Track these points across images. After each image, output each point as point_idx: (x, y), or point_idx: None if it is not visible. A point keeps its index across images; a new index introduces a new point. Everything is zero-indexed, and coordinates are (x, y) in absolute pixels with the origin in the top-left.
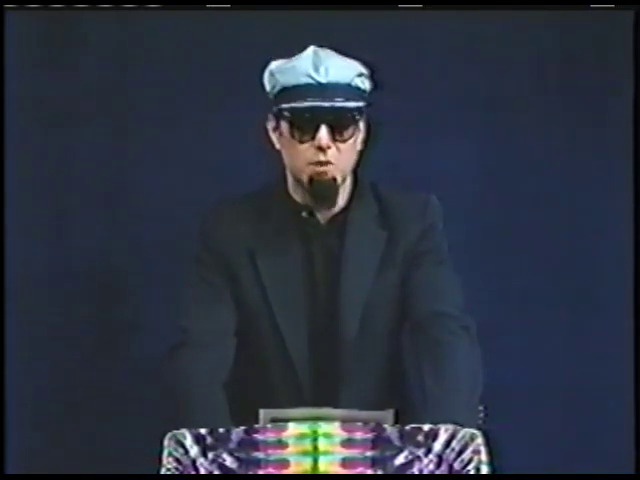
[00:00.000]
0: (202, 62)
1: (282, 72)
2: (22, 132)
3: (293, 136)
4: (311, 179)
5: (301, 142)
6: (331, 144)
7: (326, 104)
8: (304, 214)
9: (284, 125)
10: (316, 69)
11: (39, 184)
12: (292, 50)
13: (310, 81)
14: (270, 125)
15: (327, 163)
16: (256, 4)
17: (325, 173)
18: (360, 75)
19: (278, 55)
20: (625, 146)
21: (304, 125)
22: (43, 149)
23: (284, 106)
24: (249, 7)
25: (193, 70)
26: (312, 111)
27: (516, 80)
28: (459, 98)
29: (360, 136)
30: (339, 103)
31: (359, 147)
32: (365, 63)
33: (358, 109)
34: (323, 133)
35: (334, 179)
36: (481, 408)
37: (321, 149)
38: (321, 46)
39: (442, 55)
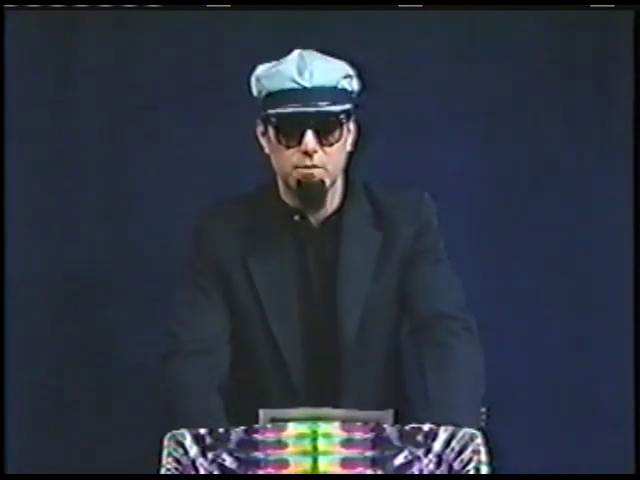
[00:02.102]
0: (202, 62)
1: (267, 77)
2: (22, 132)
3: (280, 141)
4: (299, 182)
5: (288, 147)
6: (317, 148)
7: (311, 109)
8: (296, 218)
9: (271, 130)
10: (300, 73)
11: (38, 184)
12: (291, 50)
13: (295, 86)
14: (259, 130)
15: (314, 167)
16: (256, 4)
17: (313, 175)
18: (346, 77)
19: (277, 55)
20: (625, 146)
21: (290, 130)
22: (42, 149)
23: (270, 112)
24: (249, 7)
25: (193, 70)
26: (297, 117)
27: (516, 80)
28: (459, 98)
29: (350, 137)
30: (324, 108)
31: (349, 148)
32: (364, 63)
33: (345, 112)
34: (309, 138)
35: (322, 182)
36: (484, 410)
37: (307, 154)
38: (321, 46)
39: (442, 55)
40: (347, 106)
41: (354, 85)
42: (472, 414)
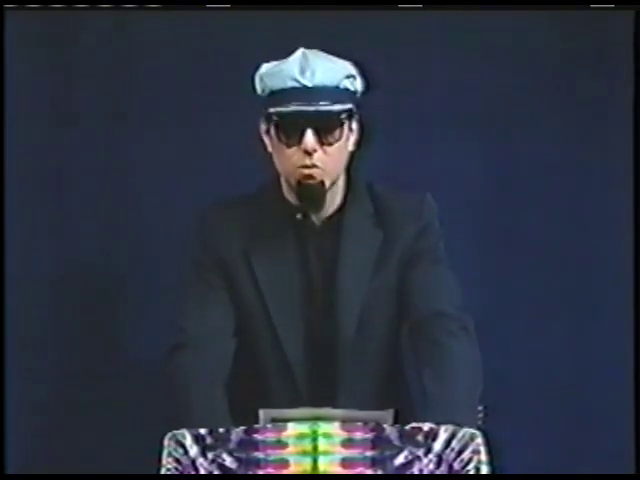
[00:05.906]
0: (202, 62)
1: (270, 75)
2: (22, 132)
3: (280, 140)
4: (299, 182)
5: (288, 146)
6: (317, 147)
7: (311, 108)
8: (298, 216)
9: (272, 129)
10: (302, 72)
11: (39, 184)
12: (292, 50)
13: (296, 85)
14: (262, 128)
15: (314, 166)
16: (256, 4)
17: (312, 177)
18: (349, 77)
19: (278, 55)
20: (625, 146)
21: (290, 129)
22: (43, 149)
23: (271, 110)
24: (249, 7)
25: (193, 70)
26: (297, 115)
27: (516, 80)
28: (459, 98)
29: (352, 137)
30: (324, 107)
31: (350, 148)
32: (364, 63)
33: (345, 112)
34: (309, 137)
35: (322, 183)
36: (481, 408)
37: (307, 153)
38: (321, 46)
39: (442, 55)
40: (348, 106)
41: (357, 85)
42: (469, 413)
